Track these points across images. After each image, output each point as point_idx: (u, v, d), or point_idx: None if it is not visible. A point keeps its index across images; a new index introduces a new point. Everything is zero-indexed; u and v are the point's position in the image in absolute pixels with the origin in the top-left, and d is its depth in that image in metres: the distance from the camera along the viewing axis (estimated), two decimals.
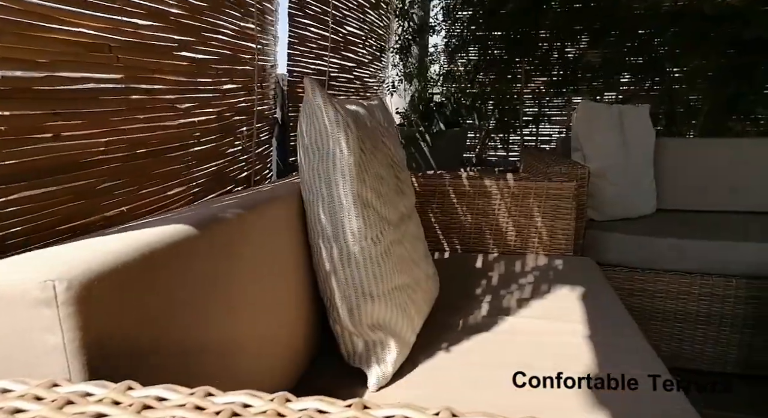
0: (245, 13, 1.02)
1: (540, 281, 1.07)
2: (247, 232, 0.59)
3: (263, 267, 0.61)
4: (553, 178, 1.28)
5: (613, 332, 0.82)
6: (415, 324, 0.75)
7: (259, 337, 0.58)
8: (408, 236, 0.80)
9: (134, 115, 0.66)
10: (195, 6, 0.80)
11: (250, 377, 0.56)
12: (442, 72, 2.76)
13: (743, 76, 2.27)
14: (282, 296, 0.65)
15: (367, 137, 0.73)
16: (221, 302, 0.51)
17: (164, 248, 0.41)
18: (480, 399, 0.63)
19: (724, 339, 1.49)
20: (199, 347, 0.46)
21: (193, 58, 0.79)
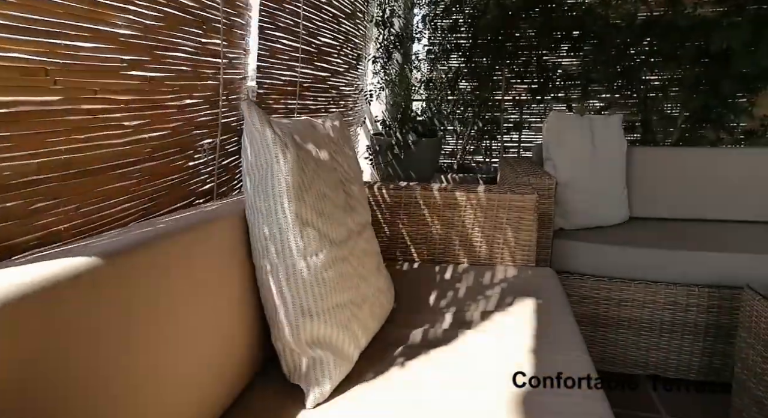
0: (209, 30, 1.03)
1: (496, 292, 1.09)
2: (180, 253, 0.60)
3: (200, 288, 0.62)
4: (516, 191, 1.30)
5: (553, 345, 0.83)
6: (359, 340, 0.76)
7: (191, 359, 0.59)
8: (356, 252, 0.81)
9: (74, 135, 0.67)
10: (148, 26, 0.81)
11: (182, 398, 0.57)
12: (423, 79, 2.79)
13: (710, 87, 2.32)
14: (221, 316, 0.66)
15: (311, 157, 0.74)
16: (142, 330, 0.52)
17: (69, 280, 0.42)
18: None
19: (688, 347, 1.52)
20: (103, 383, 0.46)
21: (144, 76, 0.80)
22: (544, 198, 1.58)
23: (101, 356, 0.46)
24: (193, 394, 0.58)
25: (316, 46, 1.71)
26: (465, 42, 2.70)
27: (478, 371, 0.75)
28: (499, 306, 1.01)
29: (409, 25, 2.76)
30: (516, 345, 0.83)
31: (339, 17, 1.88)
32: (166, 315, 0.55)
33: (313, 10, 1.63)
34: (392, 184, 1.37)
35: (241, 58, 1.28)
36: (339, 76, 2.04)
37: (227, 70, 1.16)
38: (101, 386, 0.45)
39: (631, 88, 2.56)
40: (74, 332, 0.43)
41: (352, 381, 0.73)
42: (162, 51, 0.86)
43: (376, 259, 0.92)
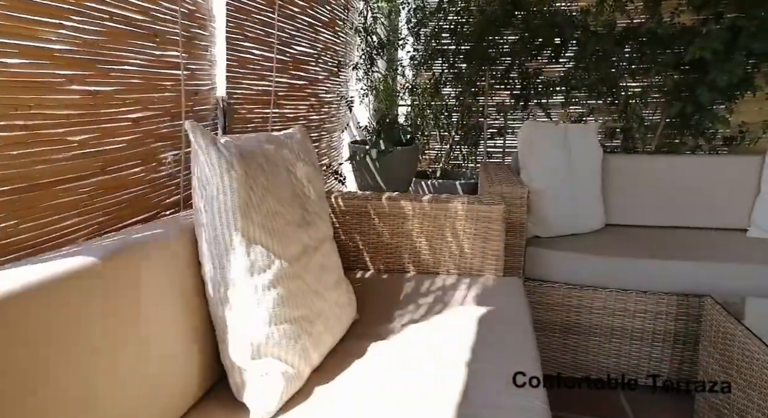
0: (164, 42, 1.03)
1: (458, 303, 1.09)
2: (123, 272, 0.60)
3: (143, 307, 0.62)
4: (484, 201, 1.31)
5: (504, 353, 0.84)
6: (311, 357, 0.76)
7: (133, 380, 0.59)
8: (312, 268, 0.82)
9: (8, 151, 0.67)
10: (88, 41, 0.81)
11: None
12: (407, 86, 2.80)
13: (689, 94, 2.34)
14: (166, 336, 0.66)
15: (262, 174, 0.74)
16: (80, 356, 0.52)
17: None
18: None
19: (657, 354, 1.53)
20: (42, 406, 0.46)
21: (88, 90, 0.80)
22: (516, 207, 1.59)
23: (31, 380, 0.46)
24: (137, 414, 0.58)
25: (291, 55, 1.71)
26: (448, 47, 2.71)
27: (425, 386, 0.75)
28: (458, 317, 1.02)
29: (392, 31, 2.77)
30: (465, 355, 0.84)
31: (316, 26, 1.89)
32: (102, 337, 0.55)
33: (286, 20, 1.63)
34: (348, 194, 1.37)
35: (207, 69, 1.28)
36: (318, 83, 2.05)
37: (189, 81, 1.16)
38: (39, 409, 0.45)
39: (612, 96, 2.58)
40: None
41: (300, 398, 0.73)
42: (107, 65, 0.86)
43: (336, 273, 0.92)
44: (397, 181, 2.16)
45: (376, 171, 2.09)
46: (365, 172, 2.15)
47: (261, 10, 1.47)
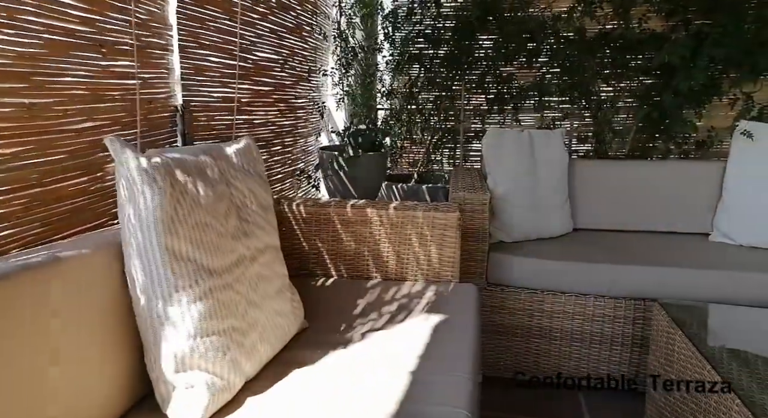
0: (112, 52, 1.04)
1: (409, 310, 1.11)
2: (43, 287, 0.60)
3: (65, 322, 0.63)
4: (440, 208, 1.32)
5: (441, 366, 0.85)
6: (243, 368, 0.77)
7: (55, 393, 0.60)
8: (246, 279, 0.82)
9: None
10: (21, 54, 0.81)
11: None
12: (383, 90, 2.81)
13: (658, 100, 2.38)
14: (91, 350, 0.67)
15: (191, 187, 0.75)
16: None
17: None
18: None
19: (616, 357, 1.56)
20: None
21: (22, 103, 0.81)
22: (478, 213, 1.61)
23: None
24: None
25: (254, 62, 1.72)
26: (424, 52, 2.73)
27: (359, 394, 0.77)
28: (404, 324, 1.03)
29: (369, 36, 2.79)
30: (403, 364, 0.85)
31: (279, 32, 1.90)
32: (20, 353, 0.56)
33: (246, 26, 1.64)
34: (311, 202, 1.38)
35: (164, 77, 1.28)
36: (286, 89, 2.05)
37: (142, 90, 1.16)
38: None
39: (584, 100, 2.61)
40: None
41: (230, 409, 0.74)
42: (45, 77, 0.87)
43: (278, 282, 0.93)
44: (366, 187, 2.17)
45: (345, 177, 2.10)
46: (334, 178, 2.16)
47: (218, 18, 1.47)
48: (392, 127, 2.79)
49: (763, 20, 2.25)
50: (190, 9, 1.35)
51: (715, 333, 1.04)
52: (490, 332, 1.65)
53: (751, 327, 1.11)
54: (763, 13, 2.26)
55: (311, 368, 0.86)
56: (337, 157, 2.09)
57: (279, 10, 1.88)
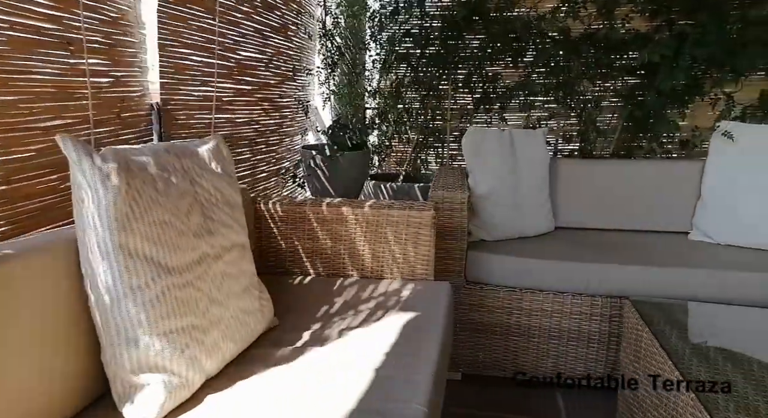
0: (81, 50, 1.04)
1: (380, 308, 1.11)
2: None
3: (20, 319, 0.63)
4: (414, 207, 1.33)
5: (404, 364, 0.86)
6: (203, 365, 0.77)
7: (6, 392, 0.60)
8: (209, 277, 0.83)
9: None
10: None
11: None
12: (370, 90, 2.82)
13: (639, 99, 2.40)
14: (45, 347, 0.67)
15: (150, 185, 0.75)
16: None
17: None
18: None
19: (593, 354, 1.57)
20: None
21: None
22: (456, 212, 1.61)
23: None
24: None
25: (237, 61, 1.72)
26: (411, 51, 2.73)
27: (321, 392, 0.77)
28: (373, 322, 1.04)
29: (355, 35, 2.79)
30: (367, 362, 0.86)
31: (264, 31, 1.90)
32: None
33: (229, 26, 1.64)
34: (288, 201, 1.38)
35: (137, 76, 1.28)
36: (271, 88, 2.06)
37: (114, 88, 1.17)
38: None
39: (570, 100, 2.63)
40: None
41: (189, 407, 0.74)
42: (8, 74, 0.87)
43: (245, 280, 0.94)
44: (347, 186, 2.17)
45: (324, 176, 2.10)
46: (312, 177, 2.16)
47: (199, 17, 1.47)
48: (378, 126, 2.79)
49: (745, 21, 2.27)
50: (172, 8, 1.35)
51: (682, 330, 1.05)
52: (469, 330, 1.66)
53: (719, 324, 1.13)
54: (745, 14, 2.28)
55: (275, 365, 0.86)
56: (314, 157, 2.10)
57: (264, 10, 1.88)
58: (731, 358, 0.91)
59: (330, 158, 2.03)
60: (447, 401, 1.55)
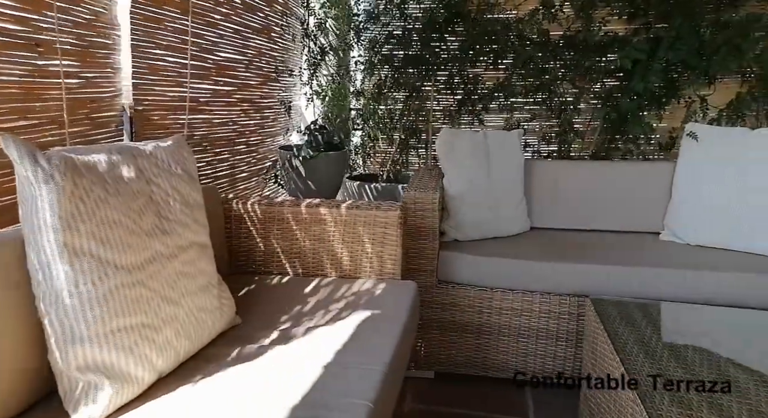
0: (50, 52, 1.05)
1: (343, 307, 1.13)
2: None
3: None
4: (381, 207, 1.35)
5: (356, 361, 0.87)
6: (154, 363, 0.79)
7: None
8: (162, 276, 0.84)
9: None
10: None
11: None
12: (354, 91, 2.84)
13: (613, 102, 2.44)
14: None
15: (99, 185, 0.77)
16: None
17: None
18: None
19: (561, 353, 1.60)
20: None
21: None
22: (428, 212, 1.64)
23: None
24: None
25: (215, 62, 1.73)
26: (394, 53, 2.76)
27: (273, 388, 0.79)
28: (334, 321, 1.05)
29: (339, 36, 2.81)
30: (322, 359, 0.88)
31: (244, 32, 1.91)
32: None
33: (207, 27, 1.65)
34: (266, 200, 1.40)
35: (110, 77, 1.29)
36: (251, 88, 2.07)
37: (84, 89, 1.18)
38: None
39: (549, 102, 2.66)
40: None
41: (137, 404, 0.76)
42: None
43: (203, 279, 0.95)
44: (324, 186, 2.19)
45: (300, 176, 2.12)
46: (292, 177, 2.18)
47: (175, 18, 1.49)
48: (362, 126, 2.81)
49: (718, 25, 2.31)
50: (145, 9, 1.36)
51: (635, 328, 1.08)
52: (441, 329, 1.68)
53: (675, 323, 1.16)
54: (719, 18, 2.32)
55: (229, 363, 0.88)
56: (289, 158, 2.12)
57: (244, 11, 1.89)
58: (679, 356, 0.94)
59: (305, 159, 2.05)
60: (418, 399, 1.57)
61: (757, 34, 2.27)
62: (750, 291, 1.47)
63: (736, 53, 2.22)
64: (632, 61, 2.22)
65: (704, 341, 1.02)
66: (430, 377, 1.71)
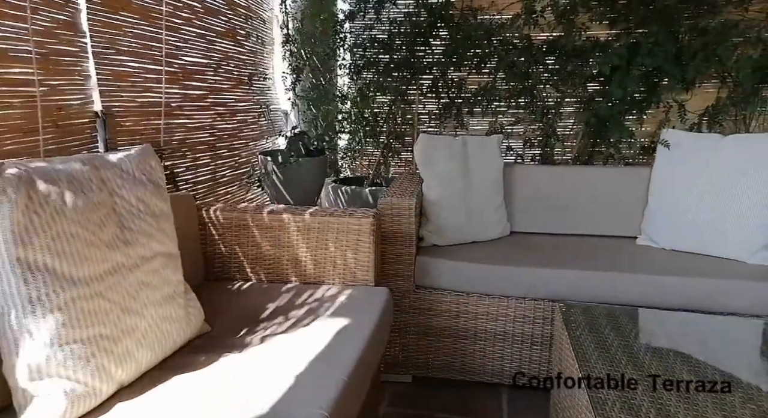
0: (9, 60, 1.05)
1: (314, 313, 1.13)
2: None
3: None
4: (354, 214, 1.36)
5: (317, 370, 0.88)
6: (113, 374, 0.79)
7: None
8: (124, 286, 0.84)
9: None
10: None
11: None
12: (338, 95, 2.84)
13: (594, 106, 2.47)
14: None
15: (56, 196, 0.76)
16: None
17: None
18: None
19: (537, 356, 1.62)
20: None
21: None
22: (405, 218, 1.65)
23: None
24: None
25: (181, 66, 1.73)
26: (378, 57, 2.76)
27: (236, 397, 0.79)
28: (300, 328, 1.06)
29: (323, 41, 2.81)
30: (285, 366, 0.88)
31: (208, 36, 1.91)
32: None
33: (169, 32, 1.65)
34: (227, 207, 1.40)
35: (79, 83, 1.29)
36: (223, 92, 2.07)
37: (50, 96, 1.17)
38: None
39: (532, 106, 2.68)
40: None
41: (96, 414, 0.76)
42: None
43: (168, 289, 0.95)
44: (304, 192, 2.19)
45: (280, 181, 2.12)
46: (271, 182, 2.18)
47: (135, 23, 1.48)
48: (349, 130, 2.82)
49: (697, 31, 2.35)
50: (103, 16, 1.36)
51: (600, 335, 1.09)
52: (419, 333, 1.69)
53: (639, 328, 1.17)
54: (696, 24, 2.35)
55: (194, 372, 0.88)
56: (266, 165, 2.12)
57: (205, 15, 1.88)
58: (636, 360, 0.96)
59: (283, 165, 2.06)
60: (395, 403, 1.58)
61: (735, 40, 2.31)
62: (719, 297, 1.49)
63: (713, 59, 2.25)
64: (611, 66, 2.25)
65: (668, 345, 1.04)
66: (407, 380, 1.72)
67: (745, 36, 2.33)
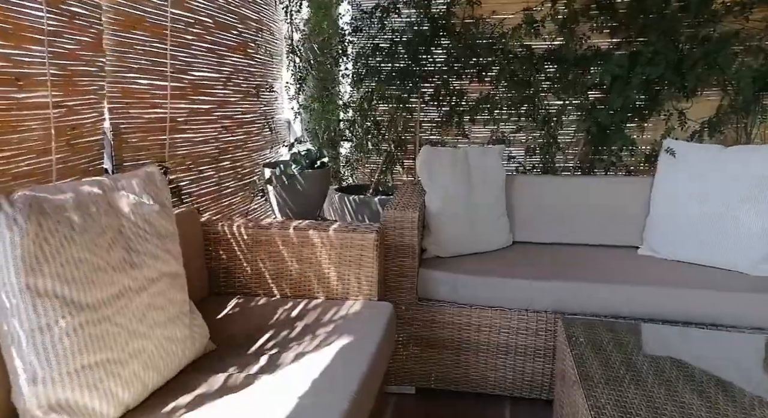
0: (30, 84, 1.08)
1: (314, 330, 1.14)
2: None
3: None
4: (358, 229, 1.37)
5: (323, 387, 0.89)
6: (120, 397, 0.80)
7: None
8: (130, 310, 0.85)
9: None
10: None
11: None
12: (341, 103, 2.86)
13: (594, 116, 2.47)
14: None
15: (65, 223, 0.78)
16: None
17: None
18: None
19: (540, 369, 1.62)
20: None
21: None
22: (408, 231, 1.66)
23: None
24: None
25: (189, 81, 1.75)
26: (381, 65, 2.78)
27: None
28: (303, 345, 1.07)
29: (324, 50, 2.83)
30: (290, 385, 0.89)
31: (219, 51, 1.93)
32: None
33: (180, 48, 1.67)
34: (252, 224, 1.42)
35: (93, 103, 1.32)
36: (230, 105, 2.09)
37: (65, 117, 1.20)
38: None
39: (532, 115, 2.69)
40: None
41: None
42: None
43: (173, 309, 0.96)
44: (307, 203, 2.21)
45: (284, 193, 2.14)
46: (275, 194, 2.20)
47: (146, 42, 1.50)
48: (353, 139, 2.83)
49: (698, 40, 2.35)
50: (117, 34, 1.38)
51: (604, 350, 1.10)
52: (422, 346, 1.70)
53: (642, 344, 1.18)
54: (696, 33, 2.36)
55: (198, 393, 0.89)
56: (270, 179, 2.14)
57: (217, 30, 1.91)
58: (639, 377, 0.96)
59: (285, 177, 2.07)
60: (398, 414, 1.59)
61: (735, 49, 2.31)
62: (720, 309, 1.49)
63: (714, 67, 2.26)
64: (611, 76, 2.26)
65: (666, 362, 1.04)
66: (411, 392, 1.73)
67: (746, 45, 2.34)
